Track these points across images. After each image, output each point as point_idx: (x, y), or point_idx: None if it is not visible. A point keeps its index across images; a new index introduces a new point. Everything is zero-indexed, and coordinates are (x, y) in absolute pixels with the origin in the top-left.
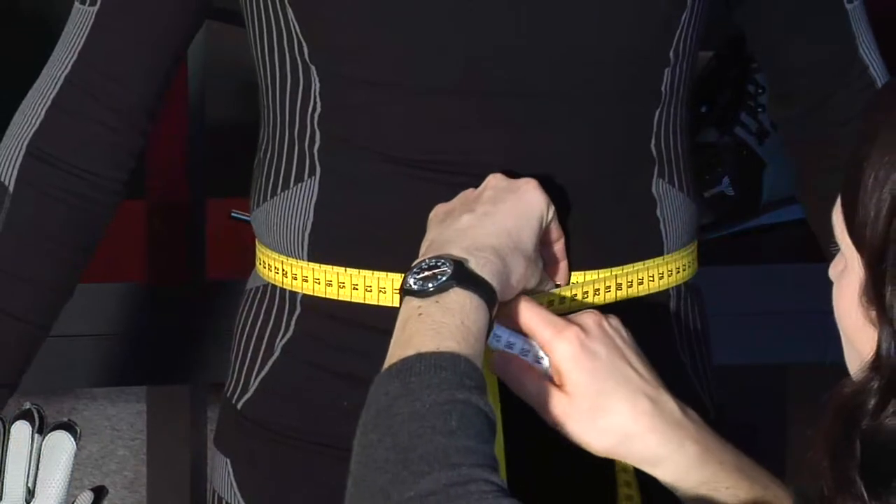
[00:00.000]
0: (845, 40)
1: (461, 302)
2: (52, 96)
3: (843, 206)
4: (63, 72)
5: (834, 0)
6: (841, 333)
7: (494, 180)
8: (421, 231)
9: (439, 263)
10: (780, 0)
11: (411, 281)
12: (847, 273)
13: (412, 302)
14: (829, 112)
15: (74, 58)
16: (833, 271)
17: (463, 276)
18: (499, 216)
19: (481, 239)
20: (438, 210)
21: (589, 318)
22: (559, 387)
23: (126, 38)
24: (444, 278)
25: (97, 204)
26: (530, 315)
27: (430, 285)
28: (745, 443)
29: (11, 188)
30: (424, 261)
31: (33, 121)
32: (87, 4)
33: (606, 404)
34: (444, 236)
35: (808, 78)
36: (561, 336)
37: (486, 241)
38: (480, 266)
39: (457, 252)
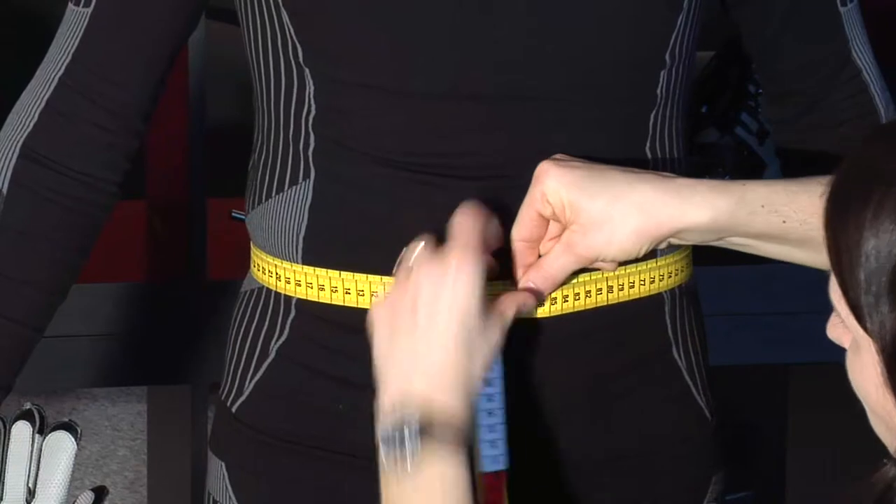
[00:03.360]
0: (838, 43)
1: (438, 478)
2: (46, 97)
3: (843, 289)
4: (57, 73)
5: (827, 3)
6: (864, 403)
7: (420, 267)
8: (415, 234)
9: (405, 433)
10: (774, 1)
11: (384, 456)
12: (860, 352)
13: (390, 485)
14: (821, 114)
15: (69, 59)
16: (836, 336)
17: (432, 443)
18: (441, 327)
19: (436, 371)
20: (379, 319)
21: (543, 163)
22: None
23: (120, 40)
24: (413, 451)
25: (92, 205)
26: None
27: (405, 462)
28: (745, 443)
29: (5, 190)
30: (389, 429)
31: (27, 122)
32: (80, 6)
33: (610, 186)
34: (397, 375)
35: (800, 80)
36: (538, 175)
37: (442, 370)
38: (447, 416)
39: (417, 403)
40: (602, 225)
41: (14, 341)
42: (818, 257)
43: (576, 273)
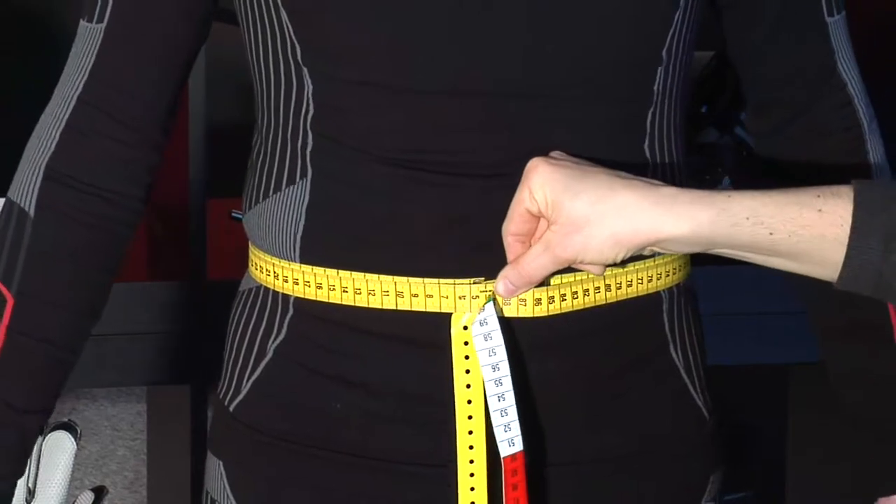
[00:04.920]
0: (823, 53)
1: None
2: (65, 118)
3: None
4: (75, 92)
5: (813, 12)
6: None
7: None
8: (413, 232)
9: None
10: (760, 9)
11: None
12: None
13: None
14: (804, 126)
15: (86, 76)
16: None
17: None
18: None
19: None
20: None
21: (533, 160)
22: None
23: (136, 53)
24: None
25: (115, 222)
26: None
27: None
28: (745, 443)
29: (32, 213)
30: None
31: (48, 144)
32: (94, 22)
33: (593, 188)
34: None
35: (784, 89)
36: (527, 171)
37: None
38: None
39: None
40: (581, 226)
41: (47, 363)
42: (812, 268)
43: (559, 272)
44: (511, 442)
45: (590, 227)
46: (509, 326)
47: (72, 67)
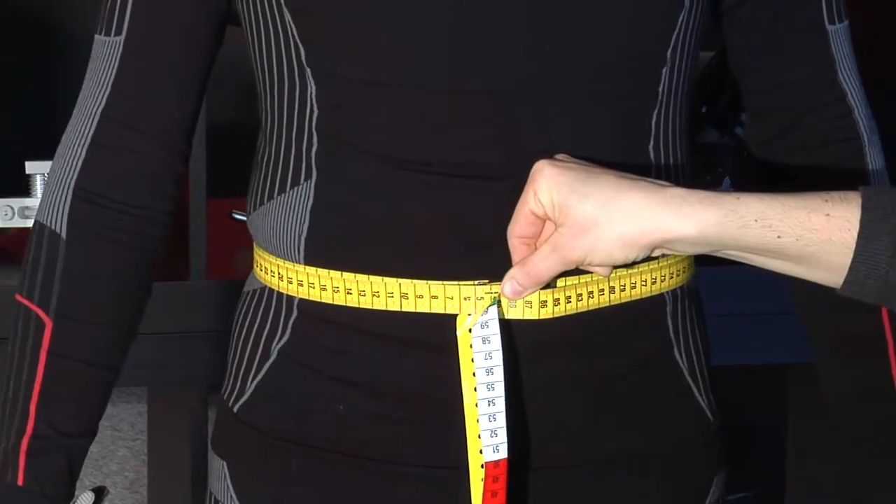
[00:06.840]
0: (824, 61)
1: None
2: (90, 134)
3: None
4: (98, 107)
5: (814, 19)
6: None
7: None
8: (416, 233)
9: None
10: (761, 14)
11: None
12: None
13: None
14: (804, 136)
15: (108, 90)
16: None
17: None
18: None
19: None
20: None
21: (539, 162)
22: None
23: (158, 62)
24: None
25: (147, 239)
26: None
27: None
28: (745, 443)
29: (64, 235)
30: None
31: (74, 162)
32: (112, 35)
33: (600, 190)
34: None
35: (783, 97)
36: (533, 173)
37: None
38: None
39: None
40: (589, 229)
41: (89, 384)
42: (817, 272)
43: (565, 274)
44: (496, 448)
45: (598, 229)
46: (514, 329)
47: (91, 83)
